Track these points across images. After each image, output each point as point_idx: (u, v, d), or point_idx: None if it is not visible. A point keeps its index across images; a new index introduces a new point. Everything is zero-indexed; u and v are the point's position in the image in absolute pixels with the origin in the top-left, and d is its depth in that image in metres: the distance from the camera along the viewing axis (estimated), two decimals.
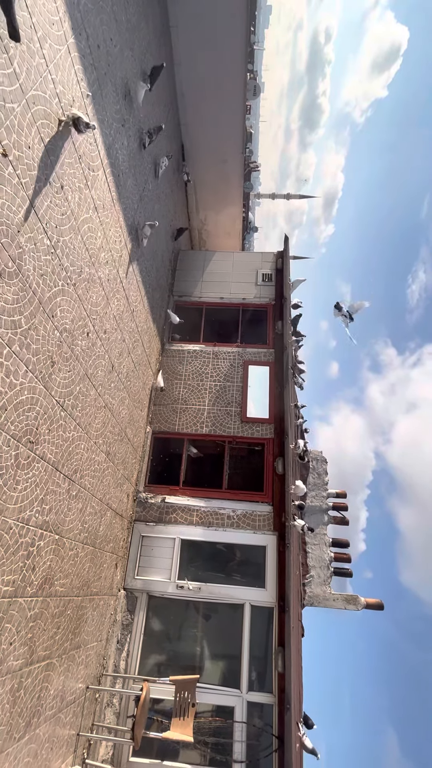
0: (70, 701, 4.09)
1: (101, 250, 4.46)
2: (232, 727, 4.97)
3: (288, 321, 7.61)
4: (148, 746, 4.93)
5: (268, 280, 8.44)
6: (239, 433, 6.78)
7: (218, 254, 8.90)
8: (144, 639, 5.45)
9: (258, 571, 5.82)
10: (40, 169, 3.16)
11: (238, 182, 9.94)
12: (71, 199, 3.70)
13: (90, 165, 4.07)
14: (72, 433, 3.94)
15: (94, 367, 4.42)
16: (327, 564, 7.99)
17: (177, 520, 6.10)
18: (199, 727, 4.96)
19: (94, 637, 4.72)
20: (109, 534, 5.14)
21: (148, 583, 5.68)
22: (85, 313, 4.10)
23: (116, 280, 4.99)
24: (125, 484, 5.72)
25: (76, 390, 3.98)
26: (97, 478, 4.65)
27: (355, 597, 7.60)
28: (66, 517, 3.89)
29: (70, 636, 4.06)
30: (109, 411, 4.95)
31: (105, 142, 4.42)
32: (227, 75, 7.99)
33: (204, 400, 7.06)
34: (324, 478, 8.86)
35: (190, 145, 9.09)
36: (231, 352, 7.50)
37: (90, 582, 4.54)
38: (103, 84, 4.27)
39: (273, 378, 7.25)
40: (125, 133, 5.09)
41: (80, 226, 3.91)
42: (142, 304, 6.21)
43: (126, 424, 5.63)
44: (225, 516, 6.12)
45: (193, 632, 5.72)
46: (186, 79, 8.03)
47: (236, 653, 5.36)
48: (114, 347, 5.03)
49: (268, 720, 5.03)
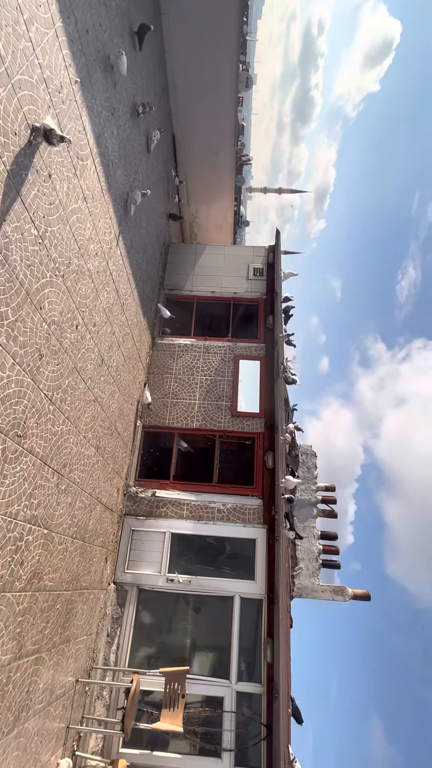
0: (60, 694, 4.09)
1: (90, 242, 4.39)
2: (221, 716, 5.03)
3: (279, 316, 7.62)
4: (138, 737, 4.97)
5: (260, 274, 8.42)
6: (230, 427, 6.80)
7: (209, 248, 8.84)
8: (134, 632, 5.47)
9: (248, 564, 5.87)
10: (27, 156, 3.08)
11: (230, 175, 9.86)
12: (59, 188, 3.62)
13: (79, 154, 3.98)
14: (61, 427, 3.90)
15: (84, 361, 4.37)
16: (315, 556, 8.10)
17: (167, 514, 6.11)
18: (189, 717, 5.01)
19: (84, 630, 4.72)
20: (99, 528, 5.12)
21: (138, 576, 5.69)
22: (74, 306, 4.04)
23: (106, 272, 4.93)
24: (115, 478, 5.70)
25: (65, 383, 3.93)
26: (86, 473, 4.62)
27: (342, 588, 7.73)
28: (55, 512, 3.86)
29: (60, 630, 4.05)
30: (98, 405, 4.91)
31: (94, 130, 4.33)
32: (219, 65, 7.88)
33: (194, 395, 7.04)
34: (313, 471, 8.95)
35: (182, 136, 8.98)
36: (222, 347, 7.48)
37: (79, 576, 4.53)
38: (92, 70, 4.17)
39: (263, 372, 7.26)
40: (115, 122, 4.99)
41: (69, 217, 3.84)
42: (132, 297, 6.15)
43: (116, 418, 5.59)
44: (215, 510, 6.15)
45: (183, 625, 5.76)
46: (177, 68, 7.91)
47: (226, 645, 5.42)
48: (104, 340, 4.98)
49: (257, 709, 5.10)
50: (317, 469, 9.03)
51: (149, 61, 6.52)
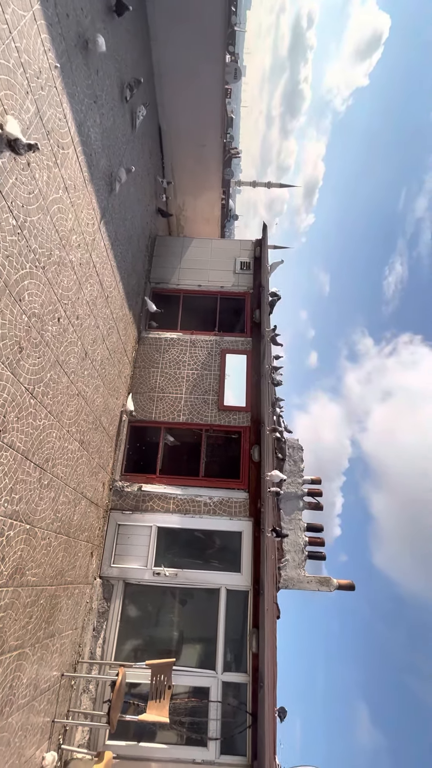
0: (45, 689, 4.08)
1: (72, 233, 4.31)
2: (207, 706, 5.09)
3: (266, 310, 7.63)
4: (125, 729, 5.00)
5: (247, 268, 8.41)
6: (216, 421, 6.80)
7: (196, 241, 8.78)
8: (120, 626, 5.47)
9: (234, 557, 5.92)
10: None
11: (217, 167, 9.78)
12: (39, 177, 3.54)
13: (60, 142, 3.90)
14: (43, 421, 3.85)
15: (66, 354, 4.31)
16: (302, 548, 8.22)
17: (154, 508, 6.10)
18: (176, 708, 5.06)
19: (69, 625, 4.70)
20: (84, 523, 5.09)
21: (124, 570, 5.69)
22: (55, 298, 3.97)
23: (89, 265, 4.85)
24: (100, 473, 5.66)
25: (46, 377, 3.87)
26: (70, 467, 4.58)
27: (328, 579, 7.86)
28: (37, 507, 3.82)
29: (44, 625, 4.03)
30: (82, 399, 4.86)
31: (76, 118, 4.23)
32: (206, 55, 7.78)
33: (181, 389, 7.02)
34: (300, 465, 9.04)
35: (168, 127, 8.86)
36: (208, 341, 7.47)
37: (64, 571, 4.50)
38: (73, 56, 4.07)
39: (250, 366, 7.28)
40: (98, 110, 4.89)
41: (49, 207, 3.76)
42: (117, 290, 6.07)
43: (101, 412, 5.54)
44: (202, 503, 6.17)
45: (169, 617, 5.79)
46: (163, 57, 7.78)
47: (212, 636, 5.47)
48: (87, 334, 4.91)
49: (243, 698, 5.18)
50: (303, 463, 9.13)
51: (134, 50, 6.39)
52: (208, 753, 4.87)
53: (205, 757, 4.85)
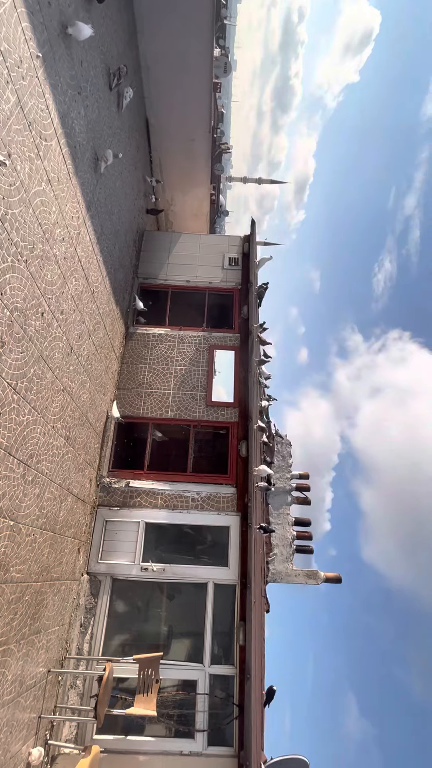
0: (31, 685, 4.07)
1: (56, 226, 4.26)
2: (195, 699, 5.14)
3: (254, 306, 7.64)
4: (113, 724, 5.01)
5: (235, 264, 8.40)
6: (204, 417, 6.82)
7: (185, 236, 8.73)
8: (108, 621, 5.48)
9: (221, 551, 5.96)
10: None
11: (206, 162, 9.72)
12: (21, 169, 3.48)
13: (42, 134, 3.83)
14: (26, 416, 3.81)
15: (51, 349, 4.27)
16: (290, 542, 8.30)
17: (141, 504, 6.10)
18: (163, 701, 5.09)
19: (56, 621, 4.69)
20: (71, 519, 5.07)
21: (112, 566, 5.69)
22: (39, 292, 3.92)
23: (74, 259, 4.80)
24: (87, 469, 5.63)
25: (30, 372, 3.83)
26: (56, 463, 4.55)
27: (315, 572, 7.96)
28: (22, 503, 3.79)
29: (29, 621, 4.01)
30: (68, 395, 4.82)
31: (59, 110, 4.17)
32: (194, 48, 7.70)
33: (169, 384, 7.01)
34: (288, 460, 9.11)
35: (156, 121, 8.76)
36: (197, 336, 7.46)
37: (50, 567, 4.48)
38: (55, 46, 4.00)
39: (238, 362, 7.29)
40: (82, 102, 4.82)
41: (32, 199, 3.71)
42: (104, 285, 6.02)
43: (87, 408, 5.51)
44: (189, 498, 6.19)
45: (157, 612, 5.82)
46: (150, 49, 7.68)
47: (200, 630, 5.50)
48: (72, 329, 4.87)
49: (230, 690, 5.23)
50: (292, 458, 9.20)
51: (119, 41, 6.30)
52: (196, 744, 4.92)
53: (193, 748, 4.90)
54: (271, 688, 6.20)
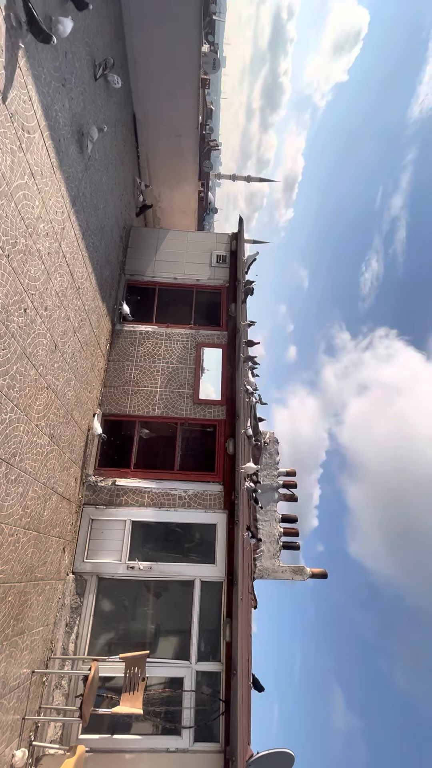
0: (14, 686, 4.02)
1: (40, 221, 4.18)
2: (181, 696, 5.14)
3: (241, 304, 7.64)
4: (99, 723, 4.99)
5: (223, 261, 8.38)
6: (191, 414, 6.80)
7: (172, 233, 8.68)
8: (94, 620, 5.44)
9: (208, 548, 5.96)
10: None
11: (193, 158, 9.67)
12: (2, 161, 3.40)
13: (24, 126, 3.75)
14: (9, 414, 3.74)
15: (34, 346, 4.19)
16: (277, 539, 8.36)
17: (128, 502, 6.06)
18: (150, 699, 5.09)
19: (40, 621, 4.64)
20: (56, 518, 5.01)
21: (97, 565, 5.64)
22: (21, 288, 3.85)
23: (58, 254, 4.72)
24: (72, 467, 5.57)
25: (12, 369, 3.76)
26: (39, 462, 4.48)
27: (301, 568, 8.04)
28: (4, 503, 3.72)
29: (12, 622, 3.95)
30: (52, 392, 4.75)
31: (42, 101, 4.08)
32: (181, 42, 7.63)
33: (156, 382, 6.97)
34: (275, 457, 9.17)
35: (143, 116, 8.67)
36: (184, 334, 7.43)
37: (34, 567, 4.42)
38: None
39: (225, 360, 7.29)
40: (67, 95, 4.73)
41: (14, 193, 3.63)
42: (90, 282, 5.94)
43: (72, 406, 5.44)
44: (176, 496, 6.17)
45: (144, 610, 5.80)
46: (137, 43, 7.58)
47: (186, 627, 5.51)
48: (57, 326, 4.79)
49: (217, 686, 5.26)
50: (279, 455, 9.26)
51: (106, 34, 6.20)
52: (182, 741, 4.93)
53: (179, 745, 4.91)
54: (254, 677, 6.25)
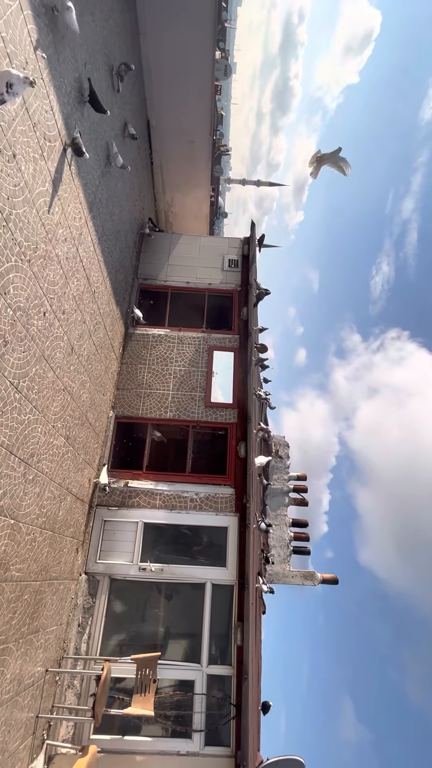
0: (29, 684, 4.07)
1: (59, 227, 4.28)
2: (192, 699, 5.14)
3: (253, 308, 7.68)
4: (110, 724, 5.01)
5: (235, 266, 8.44)
6: (203, 417, 6.84)
7: (184, 238, 8.77)
8: (106, 621, 5.48)
9: (219, 551, 5.97)
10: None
11: (206, 164, 9.78)
12: (25, 169, 3.50)
13: (46, 135, 3.86)
14: (28, 416, 3.82)
15: (52, 349, 4.28)
16: (287, 543, 8.34)
17: (140, 504, 6.11)
18: (160, 701, 5.10)
19: (54, 621, 4.69)
20: (70, 519, 5.08)
21: (110, 566, 5.69)
22: (41, 292, 3.94)
23: (76, 259, 4.82)
24: (86, 468, 5.64)
25: (31, 372, 3.84)
26: (56, 463, 4.56)
27: (312, 573, 7.99)
28: (22, 502, 3.80)
29: (28, 621, 4.01)
30: (68, 394, 4.83)
31: (63, 111, 4.19)
32: (195, 51, 7.76)
33: (168, 385, 7.03)
34: (286, 461, 9.16)
35: (157, 123, 8.81)
36: (196, 337, 7.49)
37: (49, 567, 4.48)
38: (59, 48, 4.02)
39: (237, 363, 7.33)
40: (85, 104, 4.84)
41: (35, 200, 3.73)
42: (105, 286, 6.04)
43: (87, 408, 5.52)
44: (188, 499, 6.20)
45: (155, 612, 5.82)
46: (152, 52, 7.73)
47: (197, 630, 5.52)
48: (74, 329, 4.89)
49: (228, 690, 5.25)
50: (290, 459, 9.25)
51: (123, 43, 6.34)
52: (193, 744, 4.93)
53: (190, 748, 4.91)
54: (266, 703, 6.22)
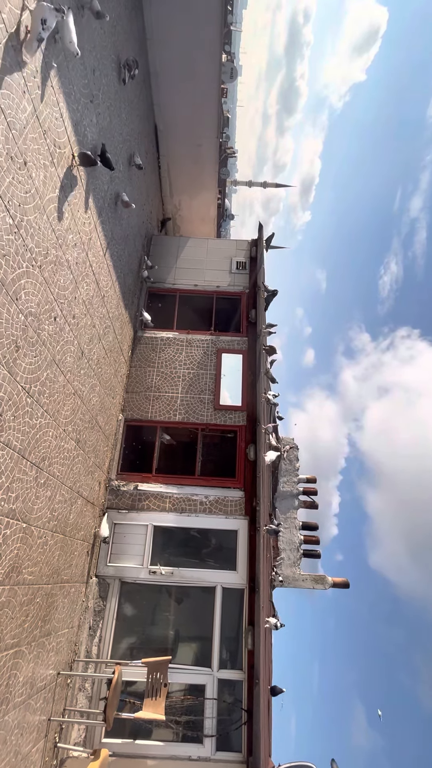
0: (41, 687, 4.09)
1: (69, 232, 4.32)
2: (203, 704, 5.12)
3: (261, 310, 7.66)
4: (121, 727, 5.01)
5: (243, 268, 8.44)
6: (212, 420, 6.83)
7: (192, 241, 8.79)
8: (116, 624, 5.49)
9: (229, 555, 5.95)
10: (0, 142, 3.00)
11: (213, 167, 9.80)
12: (35, 176, 3.54)
13: (56, 141, 3.90)
14: (39, 420, 3.85)
15: (63, 353, 4.31)
16: (297, 546, 8.26)
17: (150, 507, 6.12)
18: (171, 705, 5.08)
19: (65, 624, 4.71)
20: (80, 522, 5.10)
21: (120, 569, 5.70)
22: (52, 297, 3.98)
23: (85, 264, 4.86)
24: (96, 471, 5.67)
25: (43, 376, 3.87)
26: (66, 466, 4.58)
27: (323, 577, 7.91)
28: (34, 505, 3.82)
29: (40, 623, 4.04)
30: (78, 398, 4.86)
31: (72, 117, 4.23)
32: (202, 54, 7.79)
33: (177, 388, 7.04)
34: (295, 464, 9.08)
35: (164, 126, 8.86)
36: (204, 340, 7.49)
37: (60, 570, 4.51)
38: (69, 55, 4.06)
39: (246, 366, 7.31)
40: (94, 110, 4.89)
41: (46, 206, 3.76)
42: (114, 290, 6.08)
43: (97, 411, 5.55)
44: (198, 502, 6.19)
45: (165, 616, 5.82)
46: (159, 57, 7.78)
47: (208, 634, 5.50)
48: (84, 333, 4.92)
49: (239, 695, 5.21)
50: (299, 461, 9.17)
51: (130, 49, 6.39)
52: (204, 750, 4.90)
53: (201, 753, 4.88)
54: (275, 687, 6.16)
